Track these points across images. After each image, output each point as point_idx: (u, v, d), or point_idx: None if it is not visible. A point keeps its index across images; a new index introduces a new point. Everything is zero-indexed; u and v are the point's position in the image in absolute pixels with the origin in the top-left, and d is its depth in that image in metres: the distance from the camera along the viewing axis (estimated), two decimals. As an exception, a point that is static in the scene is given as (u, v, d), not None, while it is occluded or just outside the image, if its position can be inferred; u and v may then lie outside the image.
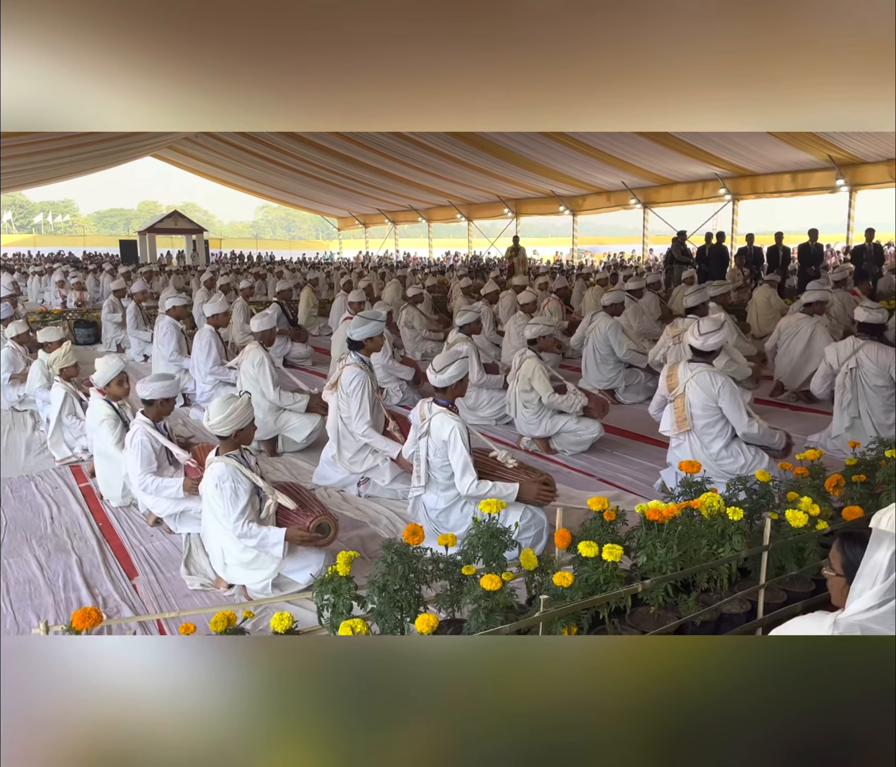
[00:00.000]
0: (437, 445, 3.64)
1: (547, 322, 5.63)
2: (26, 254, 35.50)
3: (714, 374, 4.16)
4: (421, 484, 3.77)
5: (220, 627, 2.33)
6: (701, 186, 18.19)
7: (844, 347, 5.33)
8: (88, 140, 17.51)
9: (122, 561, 3.83)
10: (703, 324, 4.24)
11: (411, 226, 34.67)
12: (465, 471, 3.55)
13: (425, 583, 2.59)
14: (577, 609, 2.44)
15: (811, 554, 2.99)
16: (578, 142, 15.58)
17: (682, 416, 4.22)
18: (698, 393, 4.15)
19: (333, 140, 18.58)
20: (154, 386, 4.04)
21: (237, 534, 3.24)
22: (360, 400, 4.53)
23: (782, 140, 13.36)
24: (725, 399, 4.10)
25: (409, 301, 9.72)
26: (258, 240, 59.69)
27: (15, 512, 4.48)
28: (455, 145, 17.23)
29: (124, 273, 14.68)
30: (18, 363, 7.27)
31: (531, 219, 29.41)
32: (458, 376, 3.72)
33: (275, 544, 3.26)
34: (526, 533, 3.57)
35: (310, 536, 3.30)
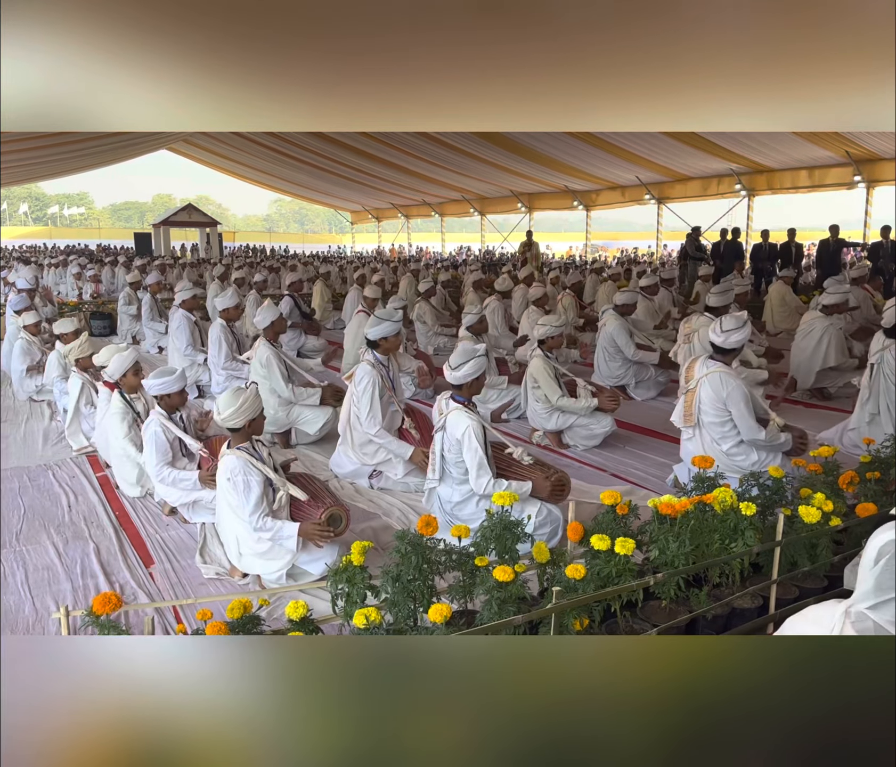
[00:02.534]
0: (451, 442, 3.66)
1: (555, 322, 5.59)
2: (42, 246, 35.81)
3: (726, 377, 4.11)
4: (436, 478, 3.79)
5: (236, 614, 2.37)
6: (716, 182, 18.05)
7: (876, 341, 5.31)
8: (103, 134, 17.62)
9: (139, 549, 3.88)
10: (726, 322, 4.20)
11: (424, 221, 34.72)
12: (481, 470, 3.57)
13: (438, 574, 2.61)
14: (589, 601, 2.46)
15: (824, 551, 2.98)
16: (592, 138, 15.51)
17: (689, 411, 4.23)
18: (709, 392, 4.14)
19: (348, 134, 18.58)
20: (154, 382, 4.08)
21: (253, 528, 3.28)
22: (370, 400, 4.53)
23: (799, 136, 13.24)
24: (734, 404, 4.07)
25: (422, 296, 9.74)
26: (271, 233, 59.88)
27: (33, 501, 4.55)
28: (468, 140, 17.21)
29: (139, 265, 14.78)
30: (34, 354, 7.36)
31: (544, 215, 29.29)
32: (474, 374, 3.70)
33: (288, 537, 3.30)
34: (541, 530, 3.59)
35: (322, 530, 3.33)
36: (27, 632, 3.10)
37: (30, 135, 15.14)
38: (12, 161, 18.08)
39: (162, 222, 28.13)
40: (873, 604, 1.43)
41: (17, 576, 3.57)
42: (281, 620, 2.93)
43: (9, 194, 62.63)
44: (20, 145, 16.05)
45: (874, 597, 1.43)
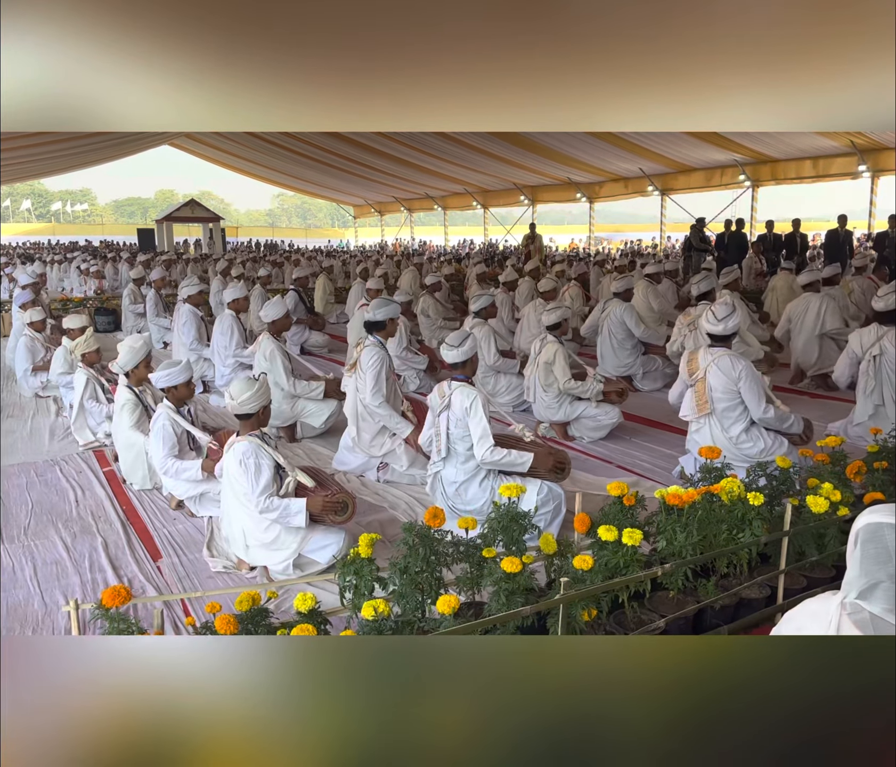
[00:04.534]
0: (458, 415, 3.70)
1: (565, 306, 5.64)
2: (45, 242, 35.86)
3: (735, 358, 4.20)
4: (441, 458, 3.82)
5: (244, 607, 2.37)
6: (720, 173, 17.99)
7: (868, 334, 5.29)
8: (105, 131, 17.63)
9: (146, 543, 3.89)
10: (718, 310, 4.27)
11: (427, 214, 34.62)
12: (483, 437, 3.62)
13: (446, 566, 2.62)
14: (596, 591, 2.46)
15: (832, 540, 2.98)
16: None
17: (702, 400, 4.25)
18: (719, 376, 4.17)
19: (349, 128, 18.55)
20: (161, 374, 4.12)
21: (259, 509, 3.28)
22: (376, 375, 4.62)
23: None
24: (745, 383, 4.13)
25: (427, 289, 9.74)
26: (274, 228, 59.89)
27: (41, 496, 4.56)
28: (471, 133, 17.15)
29: (143, 261, 14.78)
30: (38, 350, 7.37)
31: (548, 207, 29.28)
32: (473, 351, 3.80)
33: (296, 513, 3.30)
34: (543, 509, 3.62)
35: (330, 502, 3.33)
36: (36, 627, 3.11)
37: (32, 132, 15.14)
38: (14, 158, 18.11)
39: (165, 218, 28.16)
40: (863, 591, 1.42)
41: (26, 571, 3.58)
42: (289, 612, 2.94)
43: (11, 191, 62.78)
44: (22, 142, 16.06)
45: (860, 583, 1.43)
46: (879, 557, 1.39)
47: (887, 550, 1.38)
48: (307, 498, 3.34)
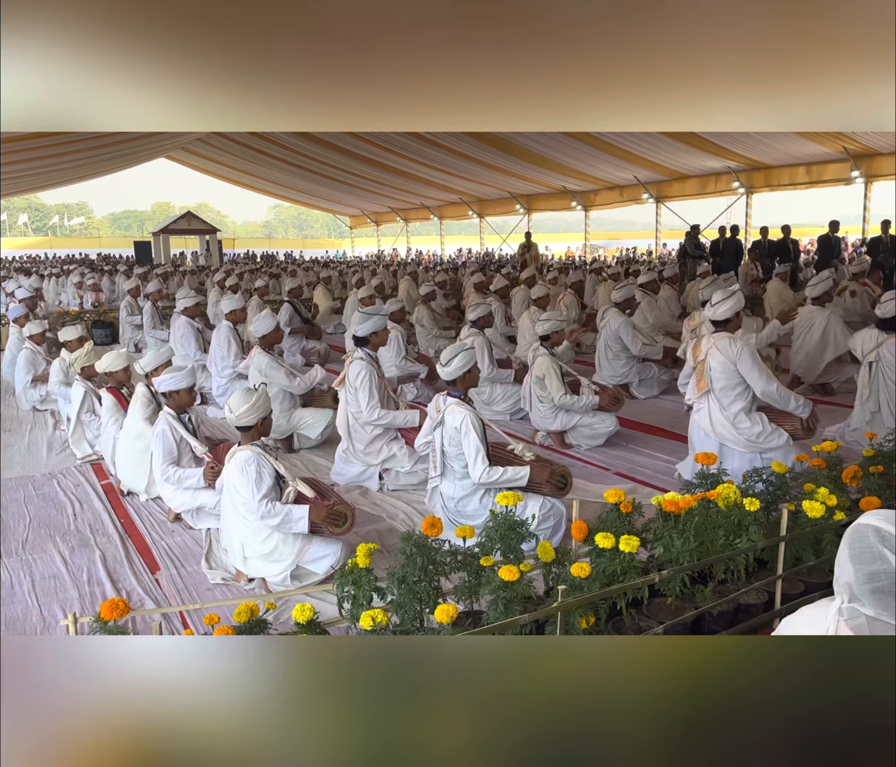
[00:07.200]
0: (450, 434, 3.69)
1: (558, 317, 5.64)
2: (42, 256, 35.84)
3: (733, 339, 4.31)
4: (437, 474, 3.81)
5: (243, 618, 2.38)
6: (714, 180, 18.06)
7: (869, 338, 5.32)
8: (102, 142, 17.66)
9: (145, 556, 3.89)
10: (715, 296, 4.40)
11: (423, 224, 34.69)
12: (478, 458, 3.60)
13: (444, 575, 2.62)
14: (594, 598, 2.47)
15: (828, 545, 2.99)
16: (590, 137, 15.51)
17: (700, 378, 4.38)
18: (718, 356, 4.29)
19: (345, 139, 18.61)
20: (165, 378, 4.17)
21: (260, 515, 3.28)
22: (368, 390, 4.64)
23: (797, 132, 13.25)
24: (744, 362, 4.23)
25: (422, 299, 9.75)
26: (271, 239, 59.95)
27: (39, 510, 4.56)
28: (466, 142, 17.21)
29: (140, 273, 14.79)
30: (38, 363, 7.37)
31: (543, 215, 29.32)
32: (465, 367, 3.77)
33: (299, 519, 3.30)
34: (544, 524, 3.62)
35: (332, 512, 3.34)
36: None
37: (28, 145, 15.15)
38: (11, 171, 18.11)
39: (161, 230, 28.14)
40: (856, 595, 1.43)
41: (24, 585, 3.58)
42: (288, 623, 2.94)
43: (8, 205, 62.75)
44: (18, 156, 16.07)
45: (852, 588, 1.43)
46: (863, 557, 1.40)
47: (871, 551, 1.39)
48: (310, 505, 3.34)
